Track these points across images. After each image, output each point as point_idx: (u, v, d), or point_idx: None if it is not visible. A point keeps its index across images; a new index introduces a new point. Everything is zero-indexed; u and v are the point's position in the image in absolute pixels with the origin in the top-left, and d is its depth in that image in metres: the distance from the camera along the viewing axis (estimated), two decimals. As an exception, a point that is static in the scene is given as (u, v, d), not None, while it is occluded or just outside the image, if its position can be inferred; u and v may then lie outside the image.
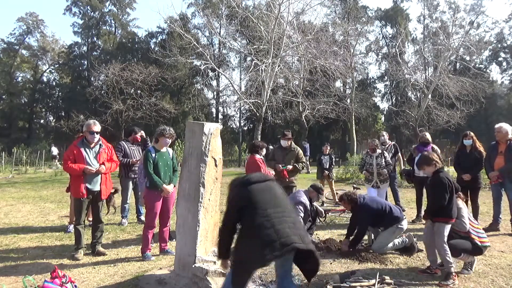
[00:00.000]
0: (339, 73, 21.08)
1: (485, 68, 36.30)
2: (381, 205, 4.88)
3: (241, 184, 2.92)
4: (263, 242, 2.49)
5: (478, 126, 29.14)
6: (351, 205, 4.93)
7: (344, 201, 5.00)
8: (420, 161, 4.22)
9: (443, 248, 3.81)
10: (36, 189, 12.16)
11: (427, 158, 4.10)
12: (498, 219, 5.94)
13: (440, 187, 3.85)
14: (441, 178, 3.90)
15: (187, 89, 35.95)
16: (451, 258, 3.80)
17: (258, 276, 3.94)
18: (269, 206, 2.66)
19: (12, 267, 4.37)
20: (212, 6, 30.07)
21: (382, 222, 4.81)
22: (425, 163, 4.09)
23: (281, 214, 2.64)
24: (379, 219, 4.79)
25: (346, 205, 5.05)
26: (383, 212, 4.79)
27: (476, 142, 6.00)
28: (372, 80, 39.99)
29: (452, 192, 3.86)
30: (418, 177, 6.51)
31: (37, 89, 41.35)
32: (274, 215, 2.61)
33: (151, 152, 4.56)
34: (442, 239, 3.83)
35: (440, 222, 3.87)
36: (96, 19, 40.91)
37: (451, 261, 3.79)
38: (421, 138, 6.79)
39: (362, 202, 4.87)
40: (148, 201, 4.61)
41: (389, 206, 4.97)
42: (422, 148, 6.58)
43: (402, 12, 37.78)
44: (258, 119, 20.33)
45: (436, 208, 3.89)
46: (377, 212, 4.77)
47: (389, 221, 4.77)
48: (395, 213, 4.83)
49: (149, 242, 4.67)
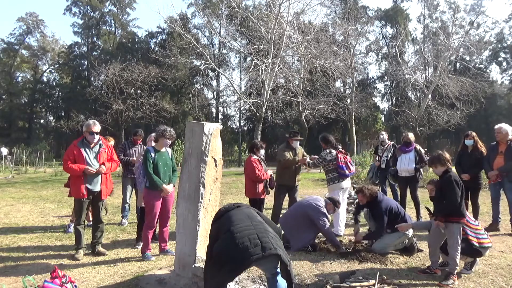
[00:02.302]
0: (339, 73, 21.08)
1: (485, 68, 36.26)
2: (398, 207, 4.88)
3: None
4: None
5: (478, 126, 29.12)
6: (368, 199, 4.88)
7: (363, 194, 4.90)
8: (433, 159, 4.07)
9: (456, 249, 3.79)
10: (36, 189, 12.16)
11: (441, 157, 3.99)
12: (497, 219, 5.94)
13: (451, 186, 3.81)
14: (452, 177, 3.86)
15: (187, 89, 35.93)
16: (458, 261, 3.79)
17: (258, 276, 3.94)
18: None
19: (12, 267, 4.37)
20: (212, 6, 30.07)
21: (392, 225, 4.75)
22: (438, 163, 3.99)
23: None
24: (392, 220, 4.74)
25: (362, 198, 4.97)
26: (398, 214, 4.77)
27: (478, 142, 6.00)
28: (372, 80, 39.98)
29: (462, 191, 3.84)
30: (402, 177, 6.58)
31: (37, 89, 41.35)
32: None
33: (150, 152, 4.57)
34: (457, 239, 3.81)
35: (453, 223, 3.83)
36: (96, 19, 40.90)
37: (457, 263, 3.78)
38: (403, 138, 6.81)
39: (382, 198, 4.87)
40: (148, 201, 4.61)
41: (404, 211, 4.97)
42: (405, 148, 6.61)
43: (402, 12, 37.77)
44: (258, 119, 20.33)
45: (451, 207, 3.82)
46: (394, 212, 4.75)
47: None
48: (407, 219, 4.79)
49: (149, 242, 4.67)
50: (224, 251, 2.73)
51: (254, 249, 2.64)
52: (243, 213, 2.98)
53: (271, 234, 2.83)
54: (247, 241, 2.67)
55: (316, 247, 4.92)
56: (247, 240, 2.68)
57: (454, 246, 3.80)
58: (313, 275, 3.98)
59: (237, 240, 2.68)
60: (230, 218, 2.93)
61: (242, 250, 2.63)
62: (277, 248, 2.70)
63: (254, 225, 2.84)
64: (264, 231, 2.80)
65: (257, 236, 2.72)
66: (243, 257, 2.63)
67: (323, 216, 4.92)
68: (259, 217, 3.05)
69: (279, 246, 2.76)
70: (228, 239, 2.75)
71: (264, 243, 2.68)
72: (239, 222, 2.84)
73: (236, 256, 2.65)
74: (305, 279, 3.83)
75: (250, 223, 2.86)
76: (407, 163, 6.48)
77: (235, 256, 2.66)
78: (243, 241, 2.67)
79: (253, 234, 2.73)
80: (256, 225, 2.86)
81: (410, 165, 6.44)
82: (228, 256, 2.68)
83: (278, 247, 2.73)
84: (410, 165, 6.45)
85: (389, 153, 7.23)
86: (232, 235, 2.73)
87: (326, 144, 6.03)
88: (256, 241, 2.69)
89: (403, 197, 6.75)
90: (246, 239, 2.68)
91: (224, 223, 2.92)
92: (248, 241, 2.67)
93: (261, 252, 2.64)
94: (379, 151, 7.44)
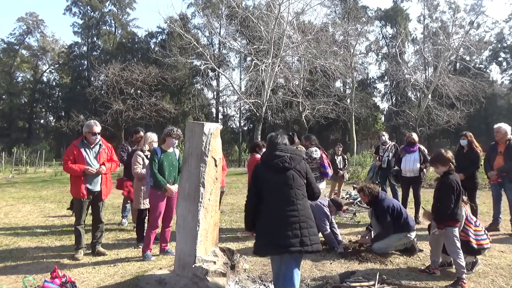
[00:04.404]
0: (339, 73, 21.07)
1: (485, 68, 36.29)
2: (399, 207, 4.85)
3: None
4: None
5: (478, 126, 29.16)
6: (370, 198, 4.86)
7: (364, 193, 4.88)
8: (434, 158, 3.94)
9: (456, 253, 3.72)
10: (36, 189, 12.16)
11: (442, 157, 3.85)
12: (498, 219, 5.94)
13: (447, 189, 3.73)
14: (450, 180, 3.74)
15: (187, 89, 35.95)
16: (464, 263, 3.72)
17: (258, 276, 3.94)
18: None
19: (12, 267, 4.37)
20: (212, 6, 30.09)
21: (395, 225, 4.73)
22: (439, 162, 3.85)
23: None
24: (395, 220, 4.70)
25: (364, 197, 4.96)
26: (400, 214, 4.73)
27: (473, 142, 5.97)
28: (372, 80, 40.01)
29: (458, 195, 3.75)
30: (405, 177, 6.54)
31: (37, 89, 41.35)
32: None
33: (157, 152, 4.56)
34: (454, 244, 3.74)
35: (448, 227, 3.76)
36: (96, 19, 40.93)
37: (464, 266, 3.71)
38: (407, 138, 6.79)
39: (383, 197, 4.86)
40: (153, 201, 4.60)
41: (406, 212, 4.93)
42: (409, 148, 6.58)
43: (402, 12, 37.80)
44: (258, 119, 20.33)
45: (444, 211, 3.73)
46: (396, 212, 4.72)
47: (402, 226, 4.69)
48: (410, 222, 4.77)
49: (151, 242, 4.66)
50: (263, 230, 2.98)
51: (293, 240, 2.85)
52: (290, 192, 3.00)
53: (311, 223, 3.00)
54: (290, 230, 2.86)
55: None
56: (290, 228, 2.87)
57: (454, 251, 3.73)
58: (313, 275, 3.98)
59: (279, 226, 2.89)
60: (278, 192, 3.00)
61: (284, 238, 2.85)
62: (313, 245, 2.91)
63: (299, 210, 2.96)
64: (305, 220, 2.95)
65: (299, 226, 2.90)
66: (279, 245, 2.86)
67: (324, 217, 4.92)
68: (303, 198, 3.08)
69: (316, 242, 2.96)
70: (271, 218, 2.95)
71: (303, 237, 2.88)
72: (286, 203, 2.95)
73: (274, 240, 2.88)
74: (305, 279, 3.82)
75: (296, 207, 2.96)
76: (412, 163, 6.45)
77: (273, 240, 2.88)
78: (286, 229, 2.87)
79: (296, 223, 2.90)
80: (301, 210, 2.97)
81: (415, 165, 6.42)
82: (267, 237, 2.93)
83: (315, 243, 2.93)
84: (415, 165, 6.43)
85: (390, 153, 7.23)
86: (276, 217, 2.93)
87: (311, 142, 6.04)
88: (297, 232, 2.87)
89: (405, 198, 6.73)
90: (289, 227, 2.87)
91: (271, 191, 3.01)
92: (290, 230, 2.87)
93: (300, 247, 2.85)
94: (380, 151, 7.43)
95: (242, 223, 6.73)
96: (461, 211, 3.89)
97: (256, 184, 3.09)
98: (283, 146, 3.22)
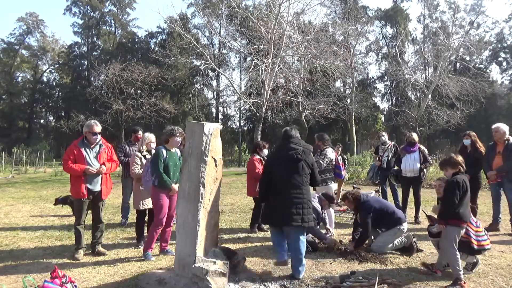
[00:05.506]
0: (339, 73, 21.09)
1: (485, 68, 36.26)
2: (384, 206, 4.89)
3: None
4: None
5: (478, 126, 29.06)
6: (355, 203, 4.91)
7: (348, 200, 4.96)
8: (446, 162, 3.96)
9: (450, 252, 3.72)
10: (36, 189, 12.16)
11: (454, 160, 3.87)
12: (497, 219, 5.94)
13: (453, 189, 3.72)
14: (456, 180, 3.74)
15: (187, 89, 35.94)
16: (459, 264, 3.72)
17: (258, 276, 3.94)
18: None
19: (12, 267, 4.37)
20: (212, 6, 30.05)
21: (384, 223, 4.79)
22: (450, 165, 3.88)
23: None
24: (381, 219, 4.77)
25: (349, 204, 5.03)
26: (385, 212, 4.78)
27: (477, 142, 5.97)
28: (372, 80, 39.99)
29: (464, 195, 3.74)
30: (406, 178, 6.54)
31: (37, 89, 41.37)
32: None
33: (162, 152, 4.53)
34: (451, 242, 3.74)
35: (450, 225, 3.76)
36: (96, 19, 40.94)
37: (459, 266, 3.70)
38: (407, 138, 6.78)
39: (365, 199, 4.88)
40: (157, 201, 4.58)
41: (392, 207, 4.98)
42: (409, 148, 6.58)
43: (402, 12, 37.79)
44: (258, 119, 20.32)
45: (448, 209, 3.73)
46: (380, 212, 4.76)
47: (390, 222, 4.75)
48: (397, 214, 4.82)
49: (154, 241, 4.65)
50: (273, 206, 3.87)
51: (296, 217, 3.74)
52: (298, 179, 3.85)
53: (310, 204, 3.92)
54: (294, 209, 3.76)
55: (316, 247, 4.92)
56: (294, 207, 3.76)
57: (448, 249, 3.73)
58: (313, 275, 3.98)
59: (286, 206, 3.78)
60: (288, 177, 3.84)
61: (289, 215, 3.75)
62: (309, 222, 3.85)
63: (303, 193, 3.83)
64: (306, 202, 3.84)
65: (302, 207, 3.78)
66: (284, 220, 3.79)
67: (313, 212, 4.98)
68: (307, 184, 3.95)
69: (311, 220, 3.89)
70: (280, 198, 3.82)
71: (303, 215, 3.78)
72: (293, 187, 3.80)
73: (282, 215, 3.78)
74: (305, 279, 3.82)
75: (301, 191, 3.82)
76: (412, 163, 6.45)
77: (282, 215, 3.79)
78: (291, 207, 3.76)
79: (299, 204, 3.78)
80: (305, 194, 3.85)
81: (415, 165, 6.43)
82: (276, 212, 3.82)
83: (310, 220, 3.86)
84: (415, 165, 6.43)
85: (390, 153, 7.22)
86: (284, 197, 3.79)
87: (324, 142, 5.94)
88: (299, 211, 3.76)
89: (405, 198, 6.73)
90: (294, 207, 3.76)
91: (282, 176, 3.84)
92: (295, 209, 3.76)
93: (301, 223, 3.76)
94: (380, 151, 7.43)
95: (242, 223, 6.76)
96: (467, 212, 3.86)
97: (268, 168, 3.99)
98: (297, 139, 3.98)
